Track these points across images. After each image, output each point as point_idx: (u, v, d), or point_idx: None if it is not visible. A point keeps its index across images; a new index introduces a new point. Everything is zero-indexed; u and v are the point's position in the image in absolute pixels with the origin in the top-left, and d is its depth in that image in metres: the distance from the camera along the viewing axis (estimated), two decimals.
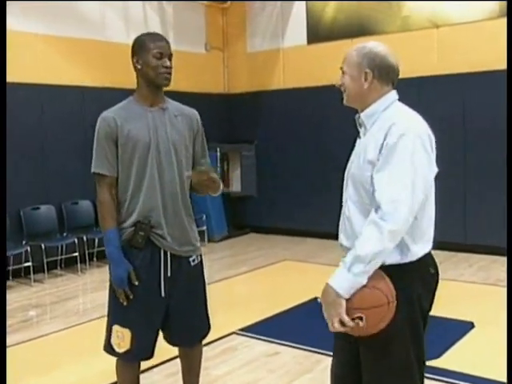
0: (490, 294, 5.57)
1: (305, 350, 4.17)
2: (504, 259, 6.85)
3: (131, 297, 2.61)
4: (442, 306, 5.00)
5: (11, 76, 6.41)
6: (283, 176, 8.93)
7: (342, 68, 2.17)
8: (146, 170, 2.61)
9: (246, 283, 6.51)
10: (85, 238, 7.00)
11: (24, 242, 6.63)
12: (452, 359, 3.97)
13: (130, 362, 2.77)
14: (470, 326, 4.60)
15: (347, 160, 2.25)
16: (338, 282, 1.94)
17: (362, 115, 2.15)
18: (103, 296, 5.82)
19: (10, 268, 6.53)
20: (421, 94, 7.42)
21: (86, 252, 7.05)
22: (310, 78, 8.55)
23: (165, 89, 2.71)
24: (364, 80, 2.10)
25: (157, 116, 2.66)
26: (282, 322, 4.93)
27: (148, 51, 2.58)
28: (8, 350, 4.39)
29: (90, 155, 2.67)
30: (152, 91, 2.65)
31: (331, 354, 4.13)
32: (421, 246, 2.09)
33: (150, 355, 2.76)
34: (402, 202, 1.93)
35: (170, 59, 2.63)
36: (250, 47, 9.36)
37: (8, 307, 5.64)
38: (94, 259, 7.31)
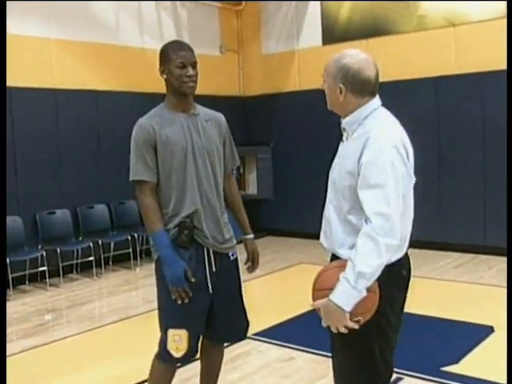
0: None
1: (320, 354, 4.10)
2: None
3: (191, 294, 2.61)
4: (461, 310, 4.97)
5: (25, 81, 6.47)
6: (299, 178, 8.87)
7: (323, 74, 2.19)
8: (187, 174, 2.68)
9: (262, 287, 6.45)
10: (100, 242, 7.02)
11: (40, 247, 6.65)
12: (471, 365, 3.88)
13: (175, 365, 2.80)
14: (490, 330, 4.49)
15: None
16: (344, 300, 1.98)
17: (344, 122, 2.18)
18: (119, 300, 5.92)
19: (26, 272, 6.56)
20: (438, 93, 7.32)
21: (102, 256, 7.06)
22: None
23: None
24: (339, 93, 2.12)
25: (189, 122, 2.73)
26: (297, 326, 4.87)
27: (171, 62, 2.66)
28: (23, 354, 4.45)
29: (104, 159, 2.70)
30: (180, 99, 2.72)
31: None
32: (397, 252, 2.12)
33: (196, 353, 2.81)
34: (391, 215, 1.97)
35: (194, 67, 2.68)
36: (265, 49, 9.32)
37: (24, 311, 5.67)
38: (110, 263, 7.32)
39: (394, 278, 2.11)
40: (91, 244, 6.87)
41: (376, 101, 2.15)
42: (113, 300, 6.04)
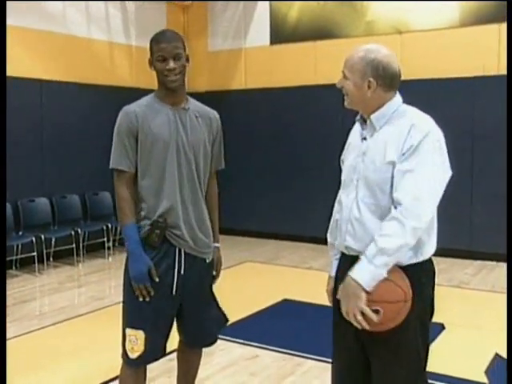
0: (454, 296, 5.68)
1: (283, 352, 4.13)
2: (463, 262, 7.06)
3: (152, 293, 2.53)
4: None
5: None
6: (242, 177, 8.85)
7: (343, 71, 2.16)
8: (166, 169, 2.56)
9: None
10: (43, 237, 6.75)
11: None
12: (429, 361, 4.00)
13: (140, 367, 2.68)
14: (441, 327, 4.67)
15: (313, 160, 2.27)
16: (360, 274, 1.97)
17: (372, 117, 2.15)
18: (63, 298, 5.71)
19: None
20: None
21: (44, 252, 6.80)
22: (272, 79, 8.55)
23: (122, 85, 2.64)
24: (367, 88, 2.11)
25: (178, 116, 2.62)
26: (256, 324, 4.87)
27: (153, 55, 2.57)
28: None
29: (47, 150, 2.56)
30: (167, 92, 2.62)
31: (310, 356, 4.13)
32: (431, 246, 2.16)
33: (161, 355, 2.70)
34: (425, 202, 2.00)
35: (176, 59, 2.57)
36: (211, 46, 9.27)
37: None
38: (51, 259, 7.07)
39: (429, 274, 2.16)
40: (33, 239, 6.60)
41: (399, 97, 2.18)
42: (57, 297, 5.82)
